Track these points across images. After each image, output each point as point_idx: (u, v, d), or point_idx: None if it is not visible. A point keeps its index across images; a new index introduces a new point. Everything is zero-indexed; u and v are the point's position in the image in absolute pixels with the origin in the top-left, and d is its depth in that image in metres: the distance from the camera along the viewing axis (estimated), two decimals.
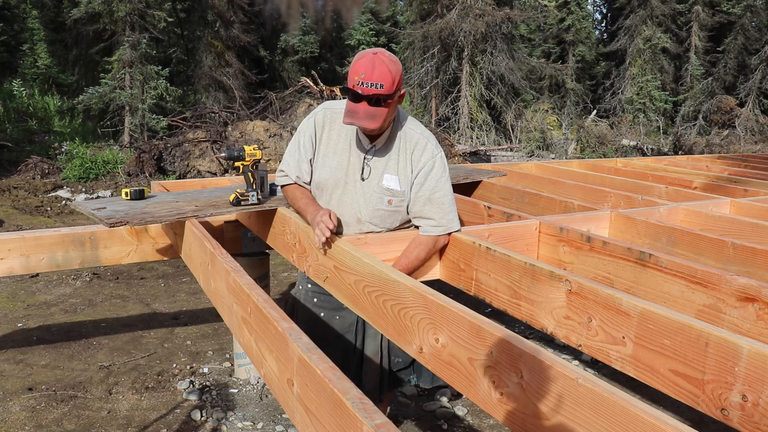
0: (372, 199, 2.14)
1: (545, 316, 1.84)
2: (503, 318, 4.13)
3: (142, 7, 12.01)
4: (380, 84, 1.89)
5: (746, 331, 1.68)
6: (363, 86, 1.90)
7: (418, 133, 2.13)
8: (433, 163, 2.11)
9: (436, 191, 2.11)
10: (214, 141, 10.23)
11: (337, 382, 1.18)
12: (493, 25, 15.20)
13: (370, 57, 1.92)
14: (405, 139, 2.12)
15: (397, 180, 2.11)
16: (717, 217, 2.72)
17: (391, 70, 1.91)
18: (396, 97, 1.97)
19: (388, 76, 1.90)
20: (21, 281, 5.03)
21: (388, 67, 1.91)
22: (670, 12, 19.23)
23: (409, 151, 2.11)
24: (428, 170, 2.10)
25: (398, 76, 1.94)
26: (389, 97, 1.93)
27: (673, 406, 3.09)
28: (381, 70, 1.90)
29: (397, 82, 1.94)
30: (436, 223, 2.14)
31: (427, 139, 2.13)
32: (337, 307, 2.29)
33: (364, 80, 1.90)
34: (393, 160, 2.12)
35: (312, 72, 12.82)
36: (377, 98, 1.91)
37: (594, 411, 1.13)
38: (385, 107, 1.94)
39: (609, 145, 14.44)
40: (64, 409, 3.04)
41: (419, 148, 2.11)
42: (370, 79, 1.89)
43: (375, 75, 1.89)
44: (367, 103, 1.93)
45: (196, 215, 2.51)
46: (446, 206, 2.14)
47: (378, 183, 2.12)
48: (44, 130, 13.05)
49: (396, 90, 1.95)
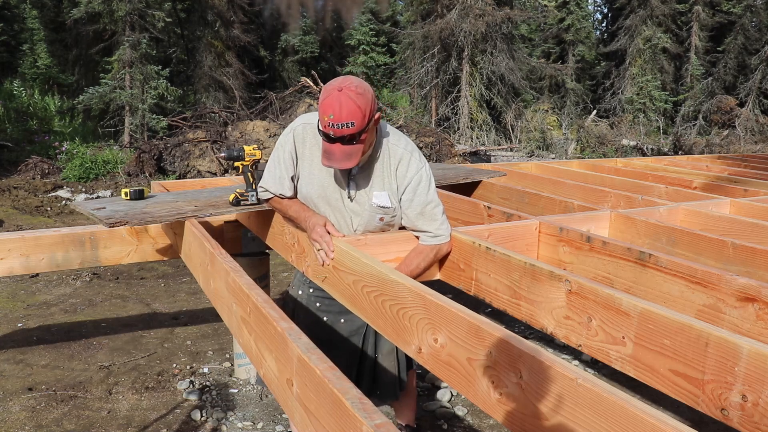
0: (364, 217, 2.13)
1: (545, 316, 1.84)
2: (503, 318, 4.12)
3: (142, 7, 12.01)
4: (350, 123, 1.85)
5: (746, 331, 1.68)
6: (334, 128, 1.86)
7: (402, 148, 2.10)
8: (420, 177, 2.09)
9: (426, 204, 2.11)
10: (214, 141, 10.23)
11: (337, 382, 1.18)
12: (493, 25, 15.20)
13: (336, 95, 1.87)
14: (389, 154, 2.10)
15: (386, 196, 2.10)
16: (717, 217, 2.72)
17: (360, 106, 1.86)
18: (370, 126, 1.93)
19: (357, 112, 1.85)
20: (21, 281, 5.03)
21: (355, 103, 1.86)
22: (670, 12, 19.23)
23: (393, 167, 2.09)
24: (416, 185, 2.09)
25: (368, 108, 1.89)
26: (363, 132, 1.90)
27: (673, 406, 3.09)
28: (349, 109, 1.85)
29: (368, 113, 1.89)
30: (432, 234, 2.15)
31: (410, 153, 2.11)
32: (341, 310, 2.29)
33: (333, 122, 1.86)
34: (378, 177, 2.10)
35: (312, 72, 12.83)
36: (350, 137, 1.88)
37: (594, 411, 1.13)
38: (359, 143, 1.92)
39: (609, 145, 14.43)
40: (64, 409, 3.04)
41: (404, 163, 2.09)
42: (340, 119, 1.85)
43: (344, 115, 1.85)
44: (341, 143, 1.90)
45: (196, 215, 2.51)
46: (438, 216, 2.14)
47: (368, 201, 2.11)
48: (44, 130, 13.05)
49: (369, 121, 1.91)
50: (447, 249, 2.21)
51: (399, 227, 2.23)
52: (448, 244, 2.20)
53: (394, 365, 2.38)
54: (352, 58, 19.85)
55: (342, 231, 2.17)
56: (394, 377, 2.38)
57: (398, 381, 2.40)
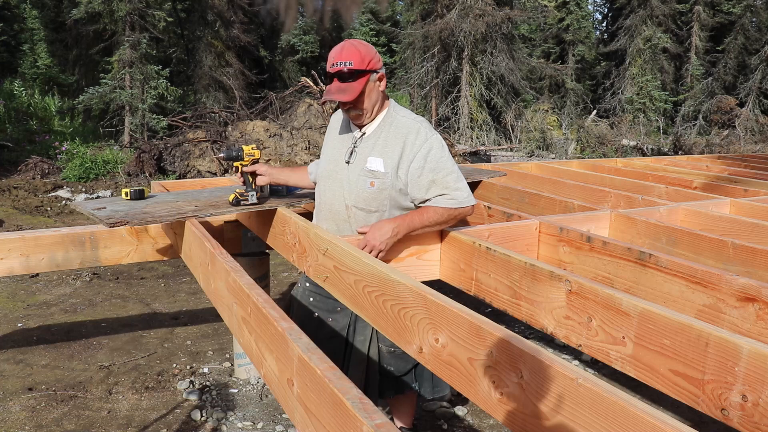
0: (357, 183, 2.15)
1: (545, 316, 1.84)
2: (503, 318, 4.12)
3: (142, 7, 12.01)
4: (348, 62, 2.04)
5: (746, 331, 1.68)
6: (333, 67, 2.06)
7: (411, 119, 2.15)
8: (430, 145, 2.09)
9: (438, 172, 2.09)
10: (214, 141, 10.23)
11: (337, 382, 1.18)
12: (493, 26, 15.20)
13: (340, 44, 2.11)
14: (395, 125, 2.15)
15: (381, 162, 2.11)
16: (717, 217, 2.72)
17: (359, 50, 2.06)
18: (369, 75, 2.07)
19: (355, 53, 2.05)
20: (21, 281, 5.03)
21: (356, 47, 2.07)
22: (670, 12, 19.24)
23: (401, 138, 2.11)
24: (426, 153, 2.09)
25: (368, 55, 2.07)
26: (359, 73, 2.04)
27: (673, 406, 3.09)
28: (348, 50, 2.06)
29: (368, 60, 2.06)
30: (449, 196, 2.11)
31: (420, 123, 2.15)
32: (331, 309, 2.29)
33: (333, 61, 2.07)
34: (380, 144, 2.14)
35: (312, 72, 12.81)
36: (348, 74, 2.04)
37: (594, 411, 1.13)
38: (354, 82, 2.05)
39: (609, 145, 14.43)
40: (64, 409, 3.04)
41: (413, 132, 2.11)
42: (339, 59, 2.06)
43: (343, 55, 2.06)
44: (338, 80, 2.07)
45: (196, 215, 2.51)
46: (451, 183, 2.11)
47: (362, 166, 2.14)
48: (44, 130, 13.05)
49: (368, 67, 2.05)
50: (465, 213, 2.17)
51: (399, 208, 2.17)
52: (467, 209, 2.16)
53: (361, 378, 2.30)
54: None
55: (339, 205, 2.20)
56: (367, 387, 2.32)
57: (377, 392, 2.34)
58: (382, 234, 2.06)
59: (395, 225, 2.07)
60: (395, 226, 2.07)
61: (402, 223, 2.08)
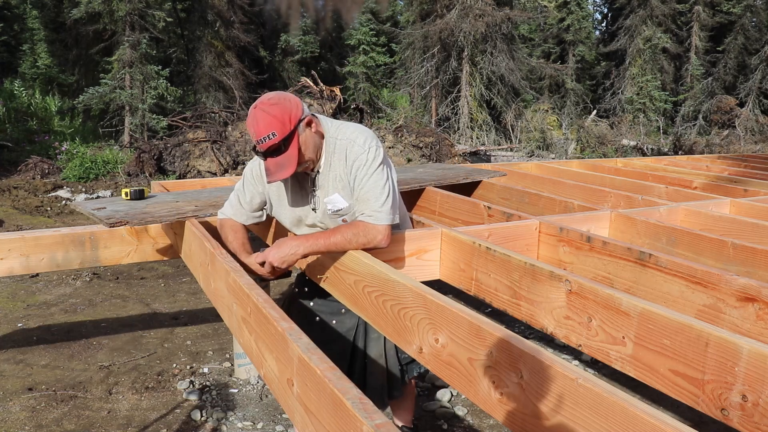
0: (330, 224, 2.11)
1: (545, 316, 1.84)
2: (503, 318, 4.12)
3: (142, 7, 12.01)
4: (270, 133, 1.88)
5: (746, 331, 1.68)
6: (260, 144, 1.91)
7: (347, 137, 2.03)
8: (365, 156, 1.99)
9: (363, 186, 1.99)
10: (214, 141, 10.23)
11: (337, 382, 1.18)
12: (493, 26, 15.19)
13: (253, 114, 1.92)
14: (338, 150, 2.03)
15: (340, 197, 2.05)
16: (717, 217, 2.72)
17: (275, 116, 1.89)
18: (298, 132, 1.92)
19: (274, 122, 1.88)
20: (21, 281, 5.03)
21: (270, 114, 1.89)
22: (670, 12, 19.23)
23: (345, 161, 2.03)
24: (357, 167, 2.00)
25: (287, 116, 1.90)
26: (287, 138, 1.90)
27: (673, 406, 3.09)
28: (265, 121, 1.89)
29: (288, 120, 1.90)
30: (367, 214, 2.00)
31: (355, 138, 2.02)
32: (334, 311, 2.29)
33: (256, 138, 1.91)
34: (333, 180, 2.05)
35: (312, 72, 12.81)
36: (276, 147, 1.90)
37: (594, 411, 1.13)
38: (288, 150, 1.91)
39: (609, 145, 14.43)
40: (64, 409, 3.04)
41: (350, 148, 2.01)
42: (261, 134, 1.89)
43: (261, 128, 1.89)
44: (272, 157, 1.92)
45: (196, 215, 2.51)
46: (372, 201, 1.98)
47: (327, 209, 2.08)
48: (44, 130, 13.05)
49: (292, 126, 1.90)
50: (377, 238, 1.99)
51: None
52: (381, 234, 1.98)
53: (383, 371, 2.31)
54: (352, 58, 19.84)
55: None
56: (382, 384, 2.32)
57: (387, 389, 2.34)
58: (281, 251, 2.01)
59: (297, 243, 2.01)
60: (297, 245, 2.01)
61: (305, 242, 2.01)
